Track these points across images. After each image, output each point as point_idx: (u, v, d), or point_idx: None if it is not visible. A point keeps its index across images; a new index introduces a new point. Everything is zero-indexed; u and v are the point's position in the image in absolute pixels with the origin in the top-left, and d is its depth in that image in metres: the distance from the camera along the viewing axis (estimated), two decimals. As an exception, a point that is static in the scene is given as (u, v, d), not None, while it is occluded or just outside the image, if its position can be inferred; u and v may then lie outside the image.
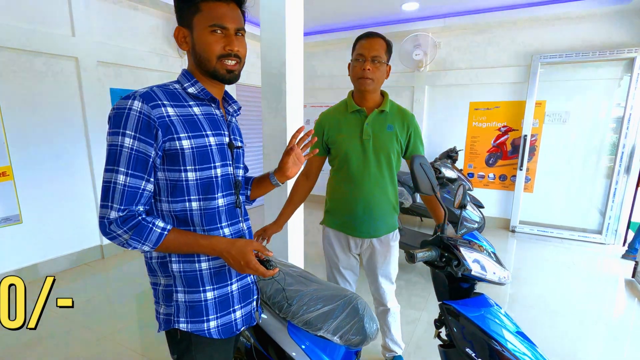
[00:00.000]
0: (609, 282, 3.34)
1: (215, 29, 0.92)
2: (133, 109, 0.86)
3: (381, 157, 1.63)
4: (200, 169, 0.95)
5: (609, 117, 4.25)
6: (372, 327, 1.31)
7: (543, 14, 4.14)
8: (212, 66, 0.95)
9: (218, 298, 1.03)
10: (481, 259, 1.15)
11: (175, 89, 0.97)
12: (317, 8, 4.40)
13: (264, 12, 2.13)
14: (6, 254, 3.05)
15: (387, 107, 1.64)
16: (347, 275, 1.85)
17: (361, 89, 1.59)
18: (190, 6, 0.92)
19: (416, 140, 1.69)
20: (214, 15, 0.92)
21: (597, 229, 4.44)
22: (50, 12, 3.14)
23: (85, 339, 2.38)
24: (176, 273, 0.99)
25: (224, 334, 1.05)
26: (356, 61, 1.58)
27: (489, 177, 4.96)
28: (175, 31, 0.97)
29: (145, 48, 3.97)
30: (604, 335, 2.54)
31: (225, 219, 1.03)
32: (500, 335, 1.08)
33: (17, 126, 3.01)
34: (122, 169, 0.87)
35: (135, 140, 0.87)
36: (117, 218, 0.87)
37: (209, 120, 0.99)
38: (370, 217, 1.68)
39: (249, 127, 5.68)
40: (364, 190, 1.65)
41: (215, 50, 0.93)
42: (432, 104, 5.16)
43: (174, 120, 0.91)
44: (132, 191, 0.88)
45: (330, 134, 1.68)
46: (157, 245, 0.92)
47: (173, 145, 0.91)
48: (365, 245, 1.76)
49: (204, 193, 0.97)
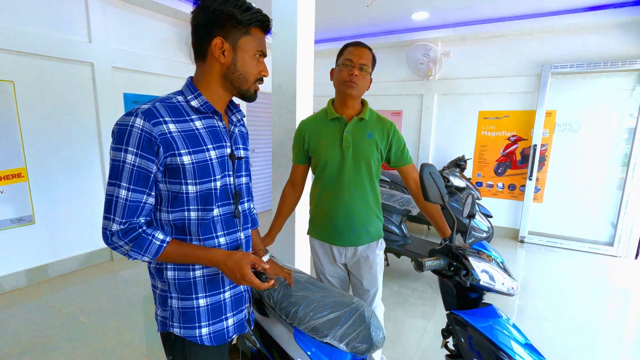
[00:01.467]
0: (621, 296, 3.27)
1: (260, 54, 1.02)
2: (135, 126, 0.88)
3: (361, 164, 1.62)
4: (200, 183, 0.98)
5: (621, 128, 4.20)
6: (379, 335, 1.31)
7: (553, 24, 4.13)
8: (248, 86, 1.02)
9: (211, 305, 1.05)
10: (490, 269, 1.14)
11: (178, 101, 0.98)
12: (328, 16, 4.45)
13: (276, 20, 2.17)
14: (18, 254, 3.10)
15: (367, 115, 1.63)
16: (336, 284, 1.83)
17: (346, 92, 1.57)
18: (241, 27, 0.96)
19: (399, 148, 1.67)
20: (260, 42, 1.01)
21: (608, 241, 4.36)
22: (68, 18, 3.23)
23: (91, 340, 2.40)
24: (171, 280, 1.02)
25: (215, 341, 1.07)
26: (343, 66, 1.57)
27: (497, 187, 4.92)
28: (215, 40, 0.95)
29: (159, 54, 4.05)
30: (615, 349, 2.48)
31: (221, 228, 1.05)
32: (508, 347, 1.07)
33: (33, 129, 3.09)
34: (124, 183, 0.90)
35: (137, 157, 0.89)
36: (119, 230, 0.91)
37: (210, 133, 1.01)
38: (352, 225, 1.66)
39: (259, 133, 5.73)
40: (343, 198, 1.64)
41: (255, 73, 1.02)
42: (441, 112, 5.16)
43: (175, 137, 0.93)
44: (133, 205, 0.91)
45: (310, 142, 1.67)
46: (157, 256, 0.95)
47: (174, 160, 0.93)
48: (350, 254, 1.73)
49: (203, 204, 1.00)
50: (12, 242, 3.05)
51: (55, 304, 2.87)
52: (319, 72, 5.99)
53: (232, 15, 0.94)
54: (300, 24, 2.12)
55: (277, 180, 2.36)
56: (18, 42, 2.89)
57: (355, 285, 1.82)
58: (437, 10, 4.15)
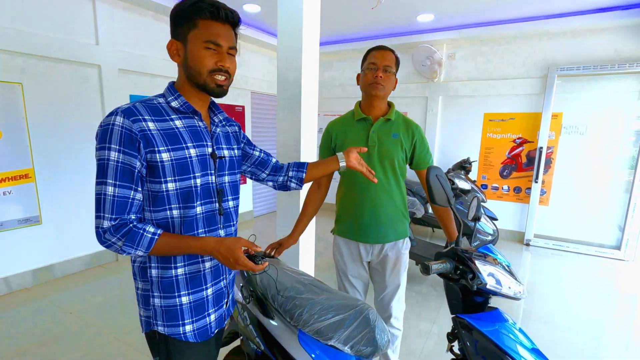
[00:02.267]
0: (628, 300, 3.23)
1: (209, 45, 0.98)
2: (116, 124, 0.91)
3: (386, 163, 1.66)
4: (179, 180, 0.99)
5: (628, 130, 4.16)
6: (384, 339, 1.30)
7: (559, 26, 4.11)
8: (202, 79, 1.00)
9: (193, 303, 1.07)
10: (496, 273, 1.13)
11: (159, 102, 1.02)
12: (333, 18, 4.46)
13: (282, 23, 2.18)
14: (25, 254, 3.13)
15: (393, 116, 1.69)
16: (357, 285, 1.84)
17: (372, 93, 1.64)
18: (188, 22, 0.97)
19: (422, 150, 1.71)
20: (210, 32, 0.97)
21: (615, 244, 4.32)
22: (76, 21, 3.27)
23: (95, 340, 2.41)
24: (154, 279, 1.03)
25: (199, 337, 1.08)
26: (368, 69, 1.64)
27: (503, 189, 4.89)
28: (169, 44, 1.02)
29: (165, 57, 4.08)
30: (622, 354, 2.45)
31: (203, 225, 1.07)
32: (514, 351, 1.06)
33: (41, 130, 3.12)
34: (110, 180, 0.92)
35: (120, 154, 0.92)
36: (110, 227, 0.92)
37: (190, 132, 1.03)
38: (377, 222, 1.69)
39: (264, 134, 5.75)
40: (369, 195, 1.68)
41: (207, 64, 0.99)
42: (445, 114, 5.14)
43: (154, 134, 0.95)
44: (121, 201, 0.93)
45: (337, 140, 1.74)
46: (150, 249, 0.96)
47: (153, 157, 0.95)
48: (376, 251, 1.76)
49: (184, 202, 1.02)
50: (19, 243, 3.08)
51: (61, 304, 2.89)
52: (325, 73, 6.01)
53: (177, 14, 0.99)
54: (305, 26, 2.13)
55: (281, 182, 2.35)
56: (26, 44, 2.93)
57: (377, 282, 1.84)
58: (443, 12, 4.14)
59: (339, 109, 6.02)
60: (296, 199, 2.22)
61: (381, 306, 1.85)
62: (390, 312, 1.82)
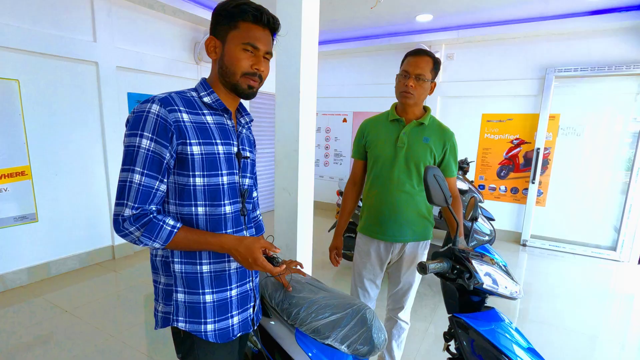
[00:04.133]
0: (624, 300, 3.25)
1: (247, 47, 0.98)
2: (151, 111, 0.91)
3: (412, 166, 1.67)
4: (207, 175, 0.98)
5: (625, 132, 4.18)
6: (380, 338, 1.30)
7: (557, 28, 4.12)
8: (235, 79, 1.00)
9: (217, 302, 1.05)
10: (493, 273, 1.14)
11: (192, 96, 1.01)
12: (332, 18, 4.45)
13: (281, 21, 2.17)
14: (21, 252, 3.12)
15: (427, 120, 1.69)
16: (368, 286, 1.87)
17: (402, 102, 1.68)
18: (230, 22, 0.98)
19: (450, 158, 1.72)
20: (249, 35, 0.98)
21: (611, 245, 4.34)
22: (74, 18, 3.25)
23: (92, 338, 2.40)
24: (177, 273, 1.01)
25: (220, 338, 1.06)
26: (401, 76, 1.66)
27: (500, 190, 4.91)
28: (208, 40, 1.02)
29: (163, 54, 4.07)
30: (618, 354, 2.47)
31: (231, 225, 1.06)
32: (511, 351, 1.06)
33: (38, 127, 3.11)
34: (138, 168, 0.91)
35: (152, 142, 0.91)
36: (131, 216, 0.91)
37: (219, 129, 1.03)
38: (396, 220, 1.71)
39: (263, 134, 5.74)
40: (391, 194, 1.70)
41: (243, 66, 0.99)
42: (444, 114, 5.15)
43: (187, 126, 0.95)
44: (146, 190, 0.92)
45: (368, 138, 1.78)
46: (167, 242, 0.95)
47: (184, 149, 0.94)
48: (396, 251, 1.78)
49: (211, 199, 1.01)
50: (15, 240, 3.07)
51: (57, 301, 2.87)
52: (324, 73, 6.00)
53: (220, 13, 0.98)
54: (304, 25, 2.13)
55: (279, 181, 2.36)
56: (23, 41, 2.91)
57: (392, 278, 1.87)
58: (441, 12, 4.15)
59: (337, 108, 6.03)
60: (294, 198, 2.22)
61: (394, 299, 1.90)
62: (402, 304, 1.87)
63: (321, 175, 6.37)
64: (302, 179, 2.24)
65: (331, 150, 6.22)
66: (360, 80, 5.74)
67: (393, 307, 1.92)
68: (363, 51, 5.56)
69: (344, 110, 5.95)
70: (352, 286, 1.94)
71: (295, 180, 2.25)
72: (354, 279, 1.92)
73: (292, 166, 2.24)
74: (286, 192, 2.30)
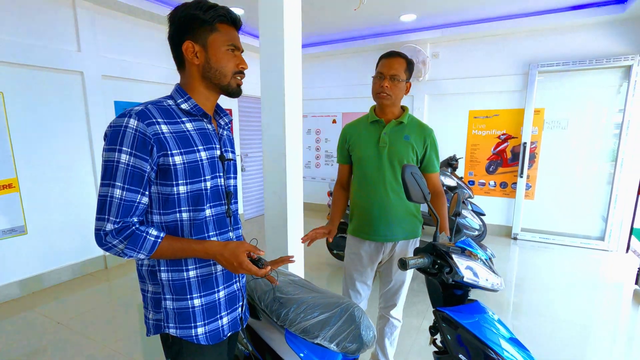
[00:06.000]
0: (613, 290, 3.32)
1: (232, 48, 1.02)
2: (129, 126, 0.91)
3: (395, 163, 1.70)
4: (191, 183, 1.00)
5: (609, 123, 4.26)
6: (369, 335, 1.32)
7: (539, 24, 4.20)
8: (227, 81, 1.04)
9: (205, 305, 1.07)
10: (474, 266, 1.17)
11: (169, 105, 1.01)
12: (316, 20, 4.48)
13: (263, 25, 2.19)
14: (11, 265, 3.09)
15: (406, 119, 1.73)
16: (360, 287, 1.89)
17: (379, 103, 1.72)
18: (208, 25, 0.99)
19: (431, 154, 1.75)
20: (230, 36, 1.02)
21: (599, 235, 4.42)
22: (57, 28, 3.24)
23: (86, 349, 2.39)
24: (165, 282, 1.03)
25: (211, 340, 1.08)
26: (376, 78, 1.71)
27: (489, 185, 4.97)
28: (185, 45, 0.99)
29: (148, 62, 4.06)
30: (608, 344, 2.52)
31: (214, 228, 1.07)
32: (493, 342, 1.09)
33: (24, 139, 3.09)
34: (118, 183, 0.91)
35: (132, 157, 0.91)
36: (113, 230, 0.92)
37: (200, 135, 1.04)
38: (386, 220, 1.73)
39: (250, 137, 5.74)
40: (378, 194, 1.73)
41: (231, 67, 1.03)
42: (431, 112, 5.21)
43: (167, 137, 0.95)
44: (127, 204, 0.93)
45: (351, 141, 1.81)
46: (152, 252, 0.96)
47: (166, 160, 0.95)
48: (387, 250, 1.80)
49: (194, 204, 1.02)
50: (4, 253, 3.04)
51: (50, 314, 2.85)
52: (309, 75, 6.03)
53: (195, 17, 0.99)
54: (286, 28, 2.15)
55: (268, 185, 2.37)
56: (7, 52, 2.89)
57: (384, 276, 1.90)
58: (424, 12, 4.20)
59: (324, 110, 6.05)
60: (283, 202, 2.24)
61: (385, 298, 1.92)
62: (394, 302, 1.90)
63: (313, 177, 6.39)
64: (291, 181, 2.26)
65: (322, 151, 6.24)
66: (348, 81, 5.78)
67: (385, 306, 1.94)
68: (350, 52, 5.60)
69: (333, 111, 5.98)
70: (343, 288, 1.96)
71: (284, 184, 2.27)
72: (346, 281, 1.94)
73: (280, 169, 2.26)
74: (276, 196, 2.32)
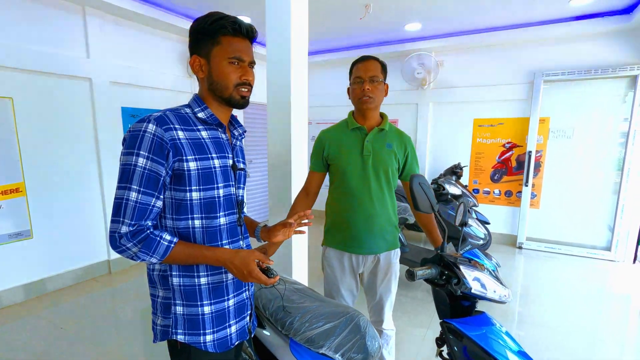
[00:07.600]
0: (620, 301, 3.27)
1: (234, 61, 1.03)
2: (148, 131, 0.94)
3: (380, 173, 1.67)
4: (204, 189, 1.01)
5: (615, 133, 4.24)
6: (374, 345, 1.31)
7: (543, 33, 4.20)
8: (229, 93, 1.04)
9: (215, 313, 1.07)
10: (482, 277, 1.16)
11: (186, 113, 1.04)
12: (322, 28, 4.52)
13: (271, 33, 2.22)
14: (16, 269, 3.10)
15: (387, 126, 1.71)
16: (346, 297, 1.83)
17: (363, 107, 1.66)
18: (211, 38, 1.01)
19: (412, 161, 1.75)
20: (233, 48, 1.02)
21: (606, 245, 4.37)
22: (67, 34, 3.29)
23: (89, 354, 2.38)
24: (176, 287, 1.04)
25: (219, 347, 1.08)
26: (355, 83, 1.66)
27: (494, 193, 4.94)
28: (192, 60, 1.05)
29: (156, 69, 4.10)
30: (615, 356, 2.48)
31: (227, 236, 1.09)
32: (501, 355, 1.07)
33: (32, 144, 3.12)
34: (134, 186, 0.93)
35: (149, 160, 0.93)
36: (128, 232, 0.93)
37: (215, 143, 1.06)
38: (371, 232, 1.69)
39: (255, 144, 5.76)
40: (364, 205, 1.67)
41: (233, 79, 1.03)
42: (436, 120, 5.21)
43: (183, 143, 0.98)
44: (143, 207, 0.94)
45: (330, 150, 1.73)
46: (164, 257, 0.97)
47: (181, 166, 0.97)
48: (368, 262, 1.76)
49: (207, 212, 1.03)
50: (10, 257, 3.05)
51: (54, 318, 2.85)
52: (317, 82, 6.06)
53: (199, 31, 1.02)
54: (293, 36, 2.17)
55: (273, 192, 2.38)
56: (16, 58, 2.94)
57: (369, 290, 1.84)
58: (429, 21, 4.22)
59: (329, 117, 6.07)
60: (287, 208, 2.24)
61: (373, 312, 1.87)
62: (382, 317, 1.85)
63: (317, 184, 6.37)
64: (295, 188, 2.26)
65: (326, 158, 6.23)
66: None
67: (375, 320, 1.89)
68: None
69: (338, 118, 5.94)
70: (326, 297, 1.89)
71: (288, 190, 2.27)
72: (329, 290, 1.85)
73: (285, 177, 2.26)
74: (280, 203, 2.32)
